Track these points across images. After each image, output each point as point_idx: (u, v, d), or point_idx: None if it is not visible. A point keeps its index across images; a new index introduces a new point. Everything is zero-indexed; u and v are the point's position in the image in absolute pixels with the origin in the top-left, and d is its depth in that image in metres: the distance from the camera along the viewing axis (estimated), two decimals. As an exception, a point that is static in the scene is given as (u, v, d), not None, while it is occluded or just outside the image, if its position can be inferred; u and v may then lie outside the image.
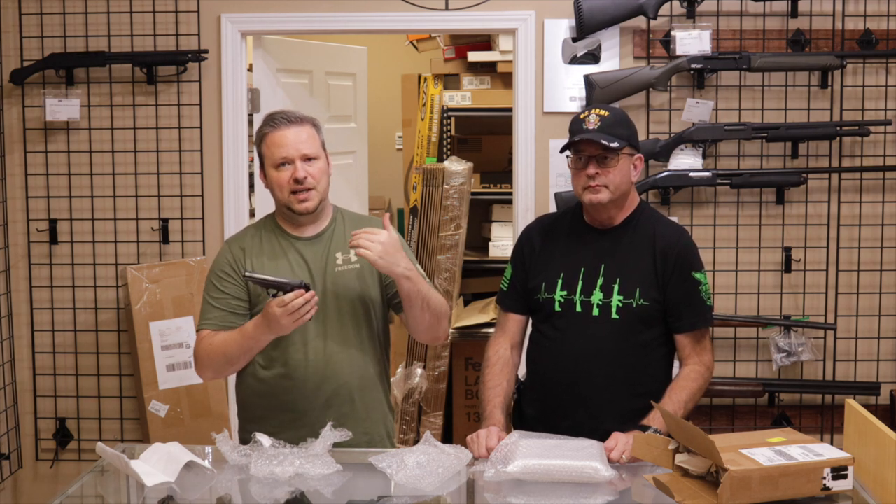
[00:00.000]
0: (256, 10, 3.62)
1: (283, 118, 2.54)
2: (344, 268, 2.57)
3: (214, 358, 2.52)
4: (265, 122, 2.58)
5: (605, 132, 2.50)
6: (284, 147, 2.51)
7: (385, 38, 5.93)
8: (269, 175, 2.55)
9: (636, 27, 3.54)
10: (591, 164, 2.52)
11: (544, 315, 2.62)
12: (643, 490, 2.23)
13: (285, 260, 2.56)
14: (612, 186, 2.52)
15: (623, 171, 2.54)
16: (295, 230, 2.60)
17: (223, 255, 2.62)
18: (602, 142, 2.49)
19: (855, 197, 3.57)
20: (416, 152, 5.16)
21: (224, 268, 2.58)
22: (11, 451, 3.71)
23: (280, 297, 2.35)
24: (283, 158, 2.51)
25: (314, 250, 2.58)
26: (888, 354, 3.61)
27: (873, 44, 3.47)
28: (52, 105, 3.59)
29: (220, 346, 2.51)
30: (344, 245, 2.58)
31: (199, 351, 2.55)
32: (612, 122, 2.53)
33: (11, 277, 3.73)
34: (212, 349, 2.52)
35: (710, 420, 3.59)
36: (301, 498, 2.20)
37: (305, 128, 2.54)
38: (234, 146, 3.65)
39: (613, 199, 2.54)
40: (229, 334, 2.51)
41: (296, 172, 2.50)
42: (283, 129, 2.52)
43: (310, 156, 2.52)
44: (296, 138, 2.52)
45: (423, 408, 4.46)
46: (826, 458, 2.06)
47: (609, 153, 2.50)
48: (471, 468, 2.30)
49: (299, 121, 2.55)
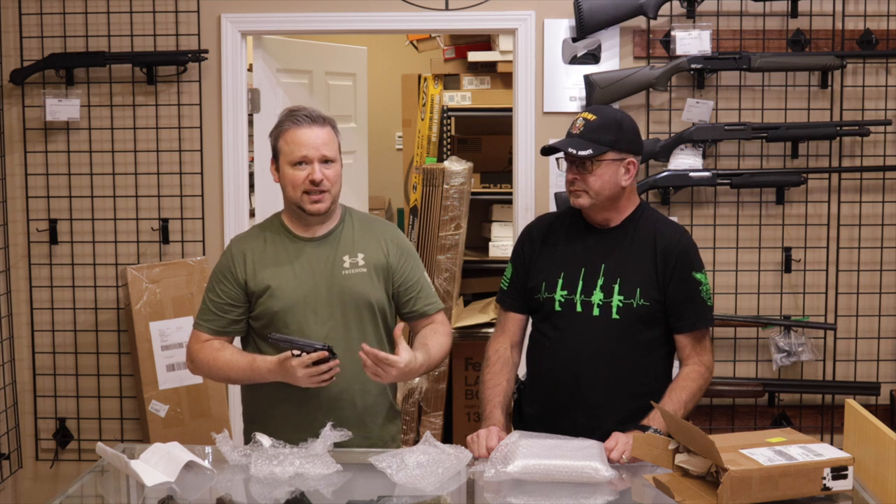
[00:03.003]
0: (256, 10, 3.62)
1: (305, 116, 2.52)
2: (351, 271, 2.56)
3: (215, 372, 2.55)
4: (286, 116, 2.55)
5: (585, 137, 2.50)
6: (304, 146, 2.49)
7: (385, 38, 5.93)
8: (284, 172, 2.54)
9: (636, 27, 3.54)
10: (570, 169, 2.54)
11: (545, 315, 2.62)
12: (643, 490, 2.23)
13: (289, 266, 2.55)
14: (592, 192, 2.52)
15: (604, 176, 2.52)
16: (302, 230, 2.59)
17: (226, 256, 2.62)
18: (569, 150, 2.49)
19: (855, 197, 3.57)
20: (416, 152, 5.16)
21: (224, 271, 2.59)
22: (11, 451, 3.71)
23: (303, 357, 2.35)
24: (302, 158, 2.50)
25: (321, 252, 2.56)
26: (888, 354, 3.61)
27: (873, 44, 3.47)
28: (52, 105, 3.59)
29: (225, 366, 2.51)
30: (352, 247, 2.58)
31: (197, 356, 2.56)
32: (597, 127, 2.52)
33: (11, 277, 3.73)
34: (213, 364, 2.53)
35: (710, 420, 3.59)
36: (301, 498, 2.20)
37: (326, 129, 2.53)
38: (234, 146, 3.65)
39: (595, 203, 2.54)
40: (237, 358, 2.51)
41: (313, 174, 2.49)
42: (304, 127, 2.51)
43: (328, 158, 2.51)
44: (317, 139, 2.50)
45: (423, 408, 4.46)
46: (826, 458, 2.06)
47: (584, 160, 2.51)
48: (471, 468, 2.30)
49: (321, 121, 2.53)
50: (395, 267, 2.61)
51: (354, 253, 2.57)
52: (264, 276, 2.53)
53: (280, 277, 2.53)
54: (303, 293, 2.52)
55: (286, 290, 2.52)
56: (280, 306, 2.51)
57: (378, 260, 2.59)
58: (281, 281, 2.53)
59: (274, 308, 2.52)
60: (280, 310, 2.51)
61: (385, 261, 2.60)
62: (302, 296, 2.52)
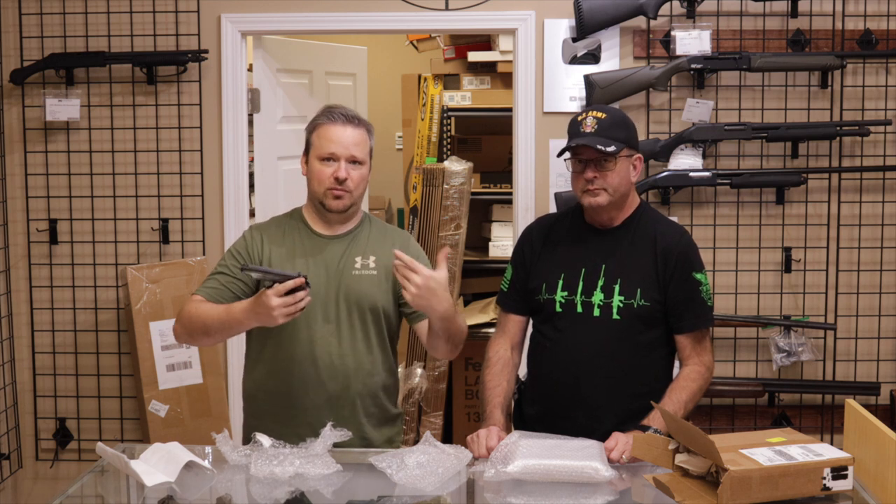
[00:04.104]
0: (256, 10, 3.62)
1: (341, 114, 2.55)
2: (361, 272, 2.57)
3: (194, 323, 2.50)
4: (323, 112, 2.58)
5: (601, 135, 2.50)
6: (335, 143, 2.51)
7: (385, 38, 5.93)
8: (312, 165, 2.56)
9: (636, 27, 3.54)
10: (589, 167, 2.52)
11: (545, 315, 2.62)
12: (643, 490, 2.23)
13: (303, 260, 2.56)
14: (611, 189, 2.52)
15: (621, 173, 2.53)
16: (320, 227, 2.60)
17: (243, 236, 2.64)
18: (598, 147, 2.48)
19: (855, 197, 3.57)
20: (416, 152, 5.16)
21: (239, 247, 2.60)
22: (11, 451, 3.71)
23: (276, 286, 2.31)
24: (331, 154, 2.52)
25: (334, 250, 2.57)
26: (888, 354, 3.61)
27: (873, 44, 3.47)
28: (52, 105, 3.59)
29: (203, 315, 2.48)
30: (365, 249, 2.59)
31: (183, 310, 2.54)
32: (610, 125, 2.52)
33: (11, 277, 3.73)
34: (195, 314, 2.50)
35: (710, 420, 3.59)
36: (301, 498, 2.20)
37: (360, 131, 2.55)
38: (234, 146, 3.65)
39: (612, 200, 2.54)
40: (215, 307, 2.49)
41: (338, 171, 2.50)
42: (339, 125, 2.53)
43: (357, 159, 2.53)
44: (349, 138, 2.52)
45: (423, 408, 4.46)
46: (826, 458, 2.06)
47: (606, 157, 2.50)
48: (471, 468, 2.30)
49: (357, 121, 2.56)
50: None
51: (367, 255, 2.58)
52: (278, 265, 2.54)
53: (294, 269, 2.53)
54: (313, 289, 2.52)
55: None
56: None
57: (389, 264, 2.59)
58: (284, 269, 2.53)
59: None
60: None
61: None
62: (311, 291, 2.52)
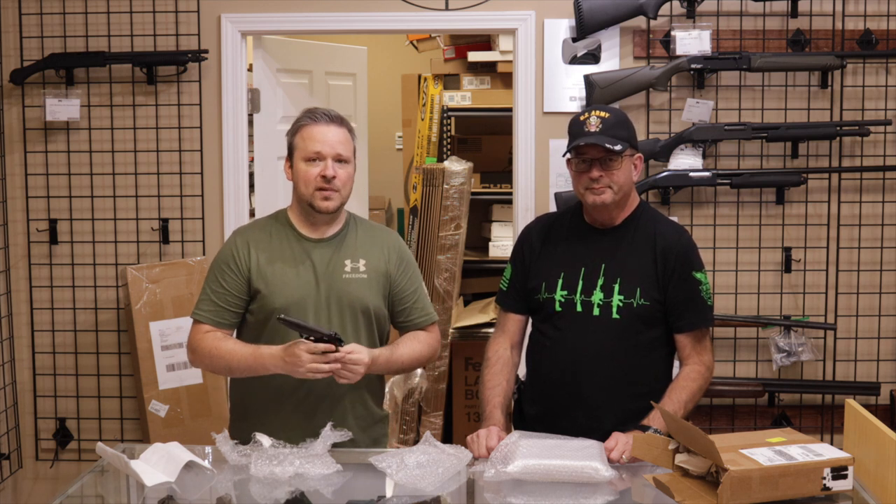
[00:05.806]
0: (256, 10, 3.62)
1: (324, 114, 2.56)
2: (351, 275, 2.57)
3: (216, 362, 2.53)
4: (305, 114, 2.59)
5: (606, 134, 2.50)
6: (320, 142, 2.52)
7: (385, 38, 5.93)
8: (297, 168, 2.55)
9: (636, 27, 3.54)
10: (594, 166, 2.52)
11: (545, 315, 2.62)
12: (643, 490, 2.23)
13: (292, 265, 2.55)
14: (616, 187, 2.53)
15: (626, 171, 2.54)
16: (307, 230, 2.59)
17: (229, 245, 2.62)
18: (606, 145, 2.49)
19: (855, 197, 3.57)
20: (416, 152, 5.17)
21: (227, 260, 2.58)
22: (11, 451, 3.71)
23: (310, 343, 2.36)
24: (317, 154, 2.52)
25: (323, 253, 2.57)
26: (888, 354, 3.61)
27: (873, 44, 3.47)
28: (52, 105, 3.59)
29: (226, 355, 2.50)
30: (354, 252, 2.59)
31: (199, 345, 2.54)
32: (613, 124, 2.53)
33: (11, 277, 3.73)
34: (216, 353, 2.52)
35: (710, 420, 3.59)
36: (301, 498, 2.20)
37: (343, 130, 2.57)
38: (234, 146, 3.65)
39: (616, 199, 2.54)
40: (239, 347, 2.51)
41: (326, 170, 2.51)
42: (322, 125, 2.54)
43: (343, 157, 2.54)
44: (333, 137, 2.53)
45: (423, 408, 4.46)
46: (826, 458, 2.06)
47: (612, 156, 2.51)
48: (471, 468, 2.30)
49: (339, 121, 2.57)
50: (393, 275, 2.63)
51: (357, 258, 2.58)
52: (267, 271, 2.54)
53: (283, 275, 2.53)
54: (303, 293, 2.53)
55: (288, 288, 2.53)
56: (280, 303, 2.52)
57: (379, 267, 2.61)
58: (284, 278, 2.54)
59: (274, 305, 2.52)
60: (279, 307, 2.51)
61: (385, 268, 2.62)
62: (302, 296, 2.53)
